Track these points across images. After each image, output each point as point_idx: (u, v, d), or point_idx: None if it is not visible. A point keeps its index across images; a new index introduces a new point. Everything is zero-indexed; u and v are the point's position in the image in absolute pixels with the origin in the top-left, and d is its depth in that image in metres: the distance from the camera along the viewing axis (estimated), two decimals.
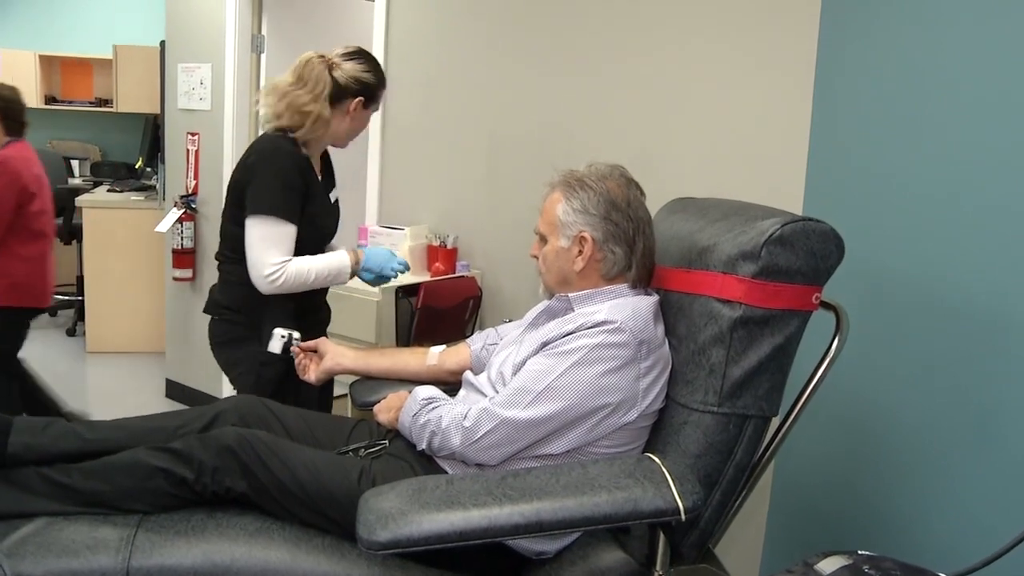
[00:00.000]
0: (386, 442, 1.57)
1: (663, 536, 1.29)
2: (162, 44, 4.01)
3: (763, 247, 1.29)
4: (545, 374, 1.37)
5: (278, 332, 1.88)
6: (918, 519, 1.52)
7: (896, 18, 1.71)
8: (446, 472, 1.45)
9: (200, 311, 2.16)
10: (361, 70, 2.01)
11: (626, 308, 1.41)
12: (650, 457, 1.31)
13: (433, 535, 1.14)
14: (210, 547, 1.34)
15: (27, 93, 5.31)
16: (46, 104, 5.61)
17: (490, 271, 2.86)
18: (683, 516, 1.19)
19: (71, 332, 4.88)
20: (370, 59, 2.05)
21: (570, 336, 1.39)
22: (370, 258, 2.06)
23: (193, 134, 3.72)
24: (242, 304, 2.00)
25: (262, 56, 3.58)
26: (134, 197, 4.73)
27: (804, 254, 1.29)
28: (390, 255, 2.10)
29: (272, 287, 1.91)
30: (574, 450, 1.39)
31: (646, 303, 1.44)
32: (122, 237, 4.50)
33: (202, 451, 1.40)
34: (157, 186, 4.68)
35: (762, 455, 1.41)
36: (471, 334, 2.11)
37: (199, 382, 3.85)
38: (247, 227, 1.92)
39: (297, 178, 1.95)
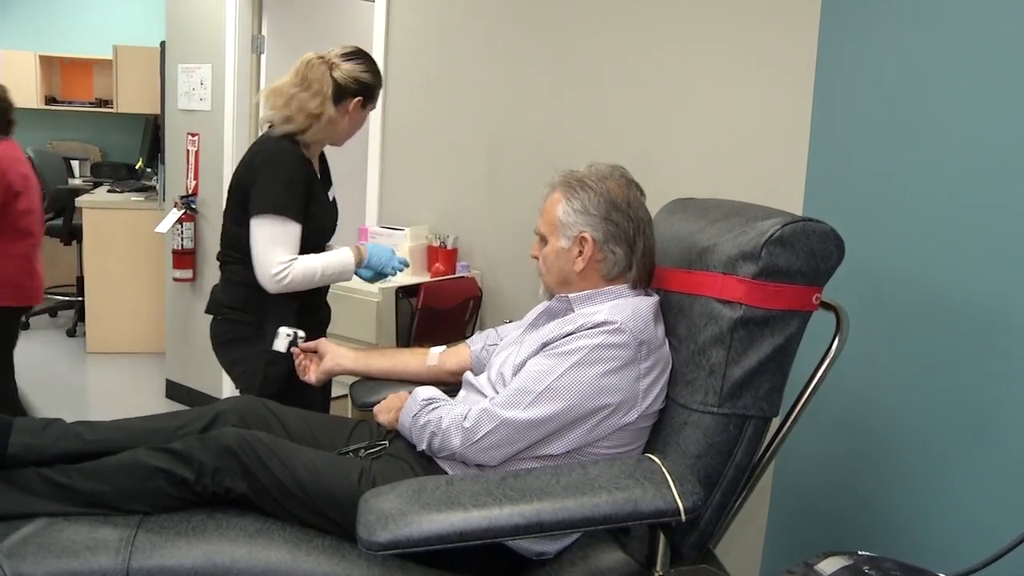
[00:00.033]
0: (386, 443, 1.57)
1: (663, 537, 1.29)
2: (162, 44, 4.01)
3: (763, 247, 1.29)
4: (545, 375, 1.37)
5: (283, 331, 1.89)
6: (918, 519, 1.52)
7: (896, 18, 1.71)
8: (446, 473, 1.45)
9: (200, 312, 2.16)
10: (360, 70, 2.03)
11: (626, 309, 1.40)
12: (650, 458, 1.31)
13: (433, 536, 1.14)
14: (210, 548, 1.34)
15: (27, 93, 5.44)
16: (46, 104, 5.61)
17: (490, 271, 2.86)
18: (683, 517, 1.19)
19: (71, 333, 4.88)
20: (368, 59, 2.07)
21: (570, 337, 1.39)
22: (373, 255, 2.08)
23: (193, 135, 3.72)
24: (246, 304, 2.01)
25: (262, 56, 3.58)
26: (134, 198, 4.73)
27: (804, 254, 1.29)
28: (392, 253, 2.12)
29: (279, 286, 1.92)
30: (574, 451, 1.39)
31: (646, 304, 1.44)
32: (122, 238, 4.50)
33: (202, 452, 1.40)
34: (157, 187, 4.68)
35: (762, 456, 1.41)
36: (471, 335, 2.11)
37: (199, 383, 3.85)
38: (253, 227, 1.93)
39: (300, 178, 1.97)
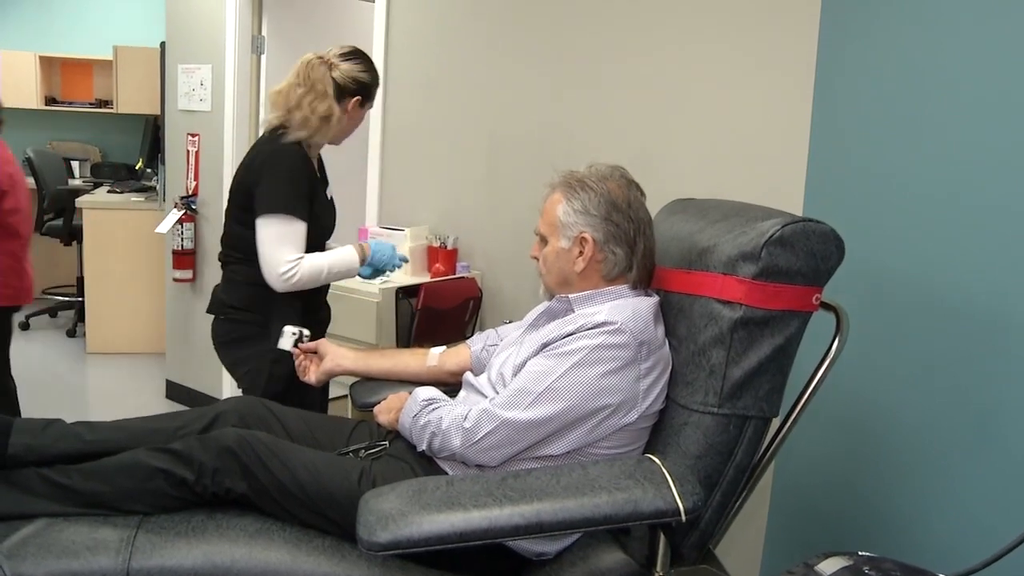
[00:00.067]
0: (386, 443, 1.57)
1: (663, 537, 1.30)
2: (162, 45, 4.01)
3: (763, 248, 1.29)
4: (545, 375, 1.37)
5: (289, 329, 1.89)
6: (918, 520, 1.52)
7: (896, 18, 1.71)
8: (446, 473, 1.45)
9: (200, 312, 2.16)
10: (358, 70, 2.05)
11: (626, 309, 1.40)
12: (650, 458, 1.31)
13: (433, 536, 1.14)
14: (210, 548, 1.34)
15: (27, 94, 5.44)
16: (46, 105, 5.61)
17: (490, 272, 2.86)
18: (683, 517, 1.19)
19: (71, 333, 4.88)
20: (365, 58, 2.09)
21: (570, 337, 1.39)
22: (376, 253, 2.10)
23: (193, 135, 3.72)
24: (250, 303, 2.02)
25: (262, 57, 3.58)
26: (134, 198, 4.73)
27: (804, 255, 1.29)
28: (394, 250, 2.14)
29: (287, 285, 1.93)
30: (574, 451, 1.39)
31: (646, 304, 1.44)
32: (122, 238, 4.51)
33: (202, 452, 1.40)
34: (157, 187, 4.69)
35: (762, 456, 1.41)
36: (471, 335, 2.12)
37: (199, 383, 3.85)
38: (259, 227, 1.94)
39: (304, 177, 1.99)
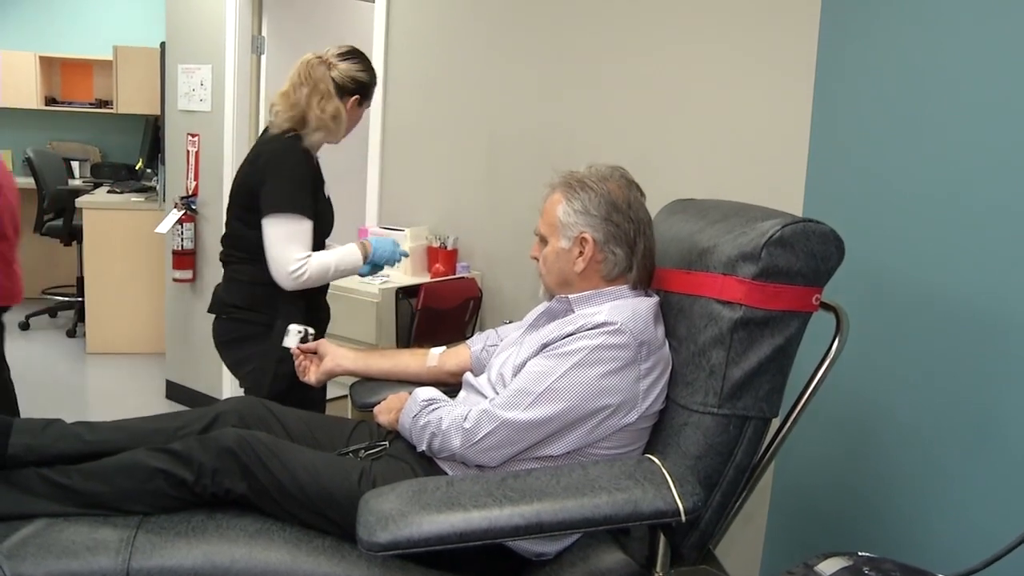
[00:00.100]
0: (386, 443, 1.57)
1: (663, 537, 1.30)
2: (162, 45, 4.01)
3: (763, 248, 1.28)
4: (545, 375, 1.37)
5: (294, 328, 1.90)
6: (918, 520, 1.52)
7: (896, 18, 1.70)
8: (446, 473, 1.45)
9: (200, 312, 2.16)
10: (356, 69, 2.07)
11: (626, 309, 1.40)
12: (650, 458, 1.31)
13: (433, 536, 1.14)
14: (210, 548, 1.34)
15: (27, 94, 5.44)
16: (46, 105, 5.61)
17: (490, 272, 2.86)
18: (683, 517, 1.19)
19: (71, 333, 4.88)
20: (363, 58, 2.11)
21: (570, 337, 1.39)
22: (377, 249, 2.12)
23: (193, 135, 3.72)
24: (252, 302, 2.02)
25: (262, 57, 3.58)
26: (134, 198, 4.73)
27: (804, 255, 1.29)
28: (394, 245, 2.17)
29: (297, 283, 1.95)
30: (574, 451, 1.39)
31: (646, 304, 1.44)
32: (122, 238, 4.51)
33: (202, 452, 1.40)
34: (157, 187, 4.69)
35: (762, 456, 1.41)
36: (471, 335, 2.11)
37: (199, 383, 3.85)
38: (266, 226, 1.94)
39: (309, 175, 2.00)
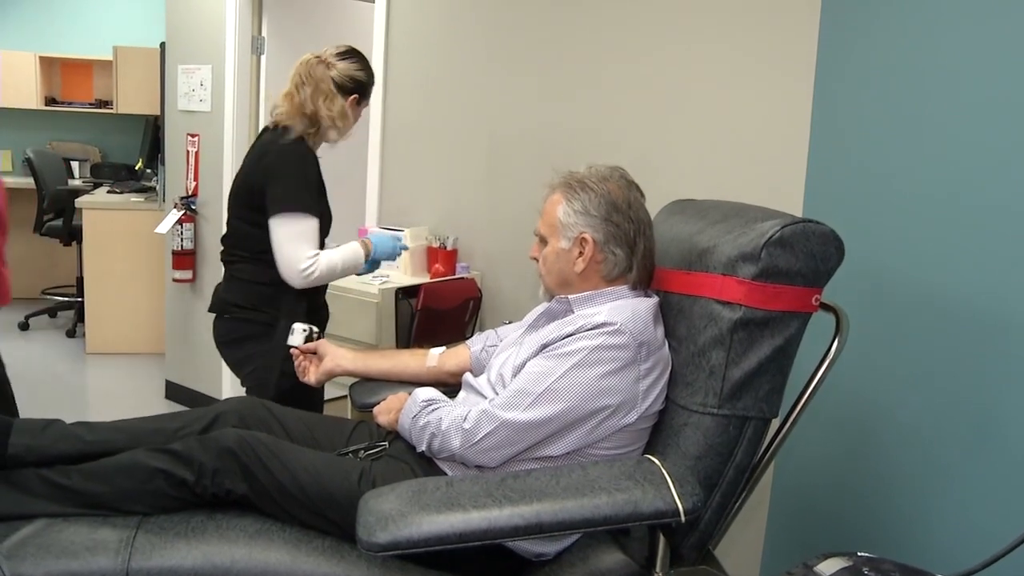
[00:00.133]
0: (386, 444, 1.57)
1: (663, 538, 1.30)
2: (162, 45, 4.01)
3: (763, 249, 1.29)
4: (545, 376, 1.37)
5: (299, 326, 1.90)
6: (918, 521, 1.52)
7: (896, 18, 1.70)
8: (446, 474, 1.45)
9: (200, 312, 2.17)
10: (355, 69, 2.08)
11: (626, 310, 1.40)
12: (650, 459, 1.31)
13: (433, 537, 1.14)
14: (210, 549, 1.34)
15: (27, 94, 5.44)
16: (46, 105, 5.61)
17: (490, 272, 2.86)
18: (683, 518, 1.19)
19: (71, 333, 4.88)
20: (361, 57, 2.12)
21: (570, 338, 1.39)
22: (378, 247, 2.14)
23: (193, 135, 3.72)
24: (255, 301, 2.02)
25: (262, 58, 3.58)
26: (134, 198, 4.73)
27: (804, 256, 1.29)
28: (394, 240, 2.18)
29: (307, 281, 1.96)
30: (574, 452, 1.39)
31: (646, 305, 1.44)
32: (122, 238, 4.50)
33: (202, 453, 1.40)
34: (157, 187, 4.69)
35: (762, 456, 1.41)
36: (471, 335, 2.11)
37: (199, 383, 3.84)
38: (275, 225, 1.95)
39: (315, 174, 2.01)
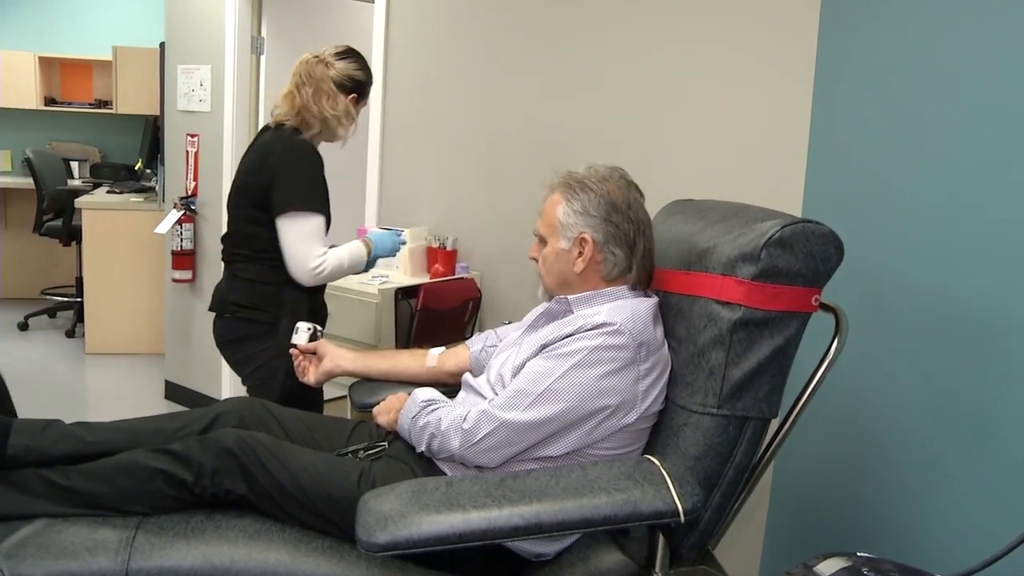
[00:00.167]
0: (385, 444, 1.57)
1: (662, 538, 1.29)
2: (162, 46, 4.01)
3: (762, 249, 1.29)
4: (544, 376, 1.37)
5: (303, 325, 1.90)
6: (917, 521, 1.52)
7: (896, 18, 1.71)
8: (446, 474, 1.45)
9: (200, 312, 2.17)
10: (353, 68, 2.09)
11: (625, 310, 1.40)
12: (649, 459, 1.30)
13: (432, 537, 1.14)
14: (209, 549, 1.34)
15: (27, 94, 5.44)
16: (45, 105, 5.60)
17: (489, 273, 2.86)
18: (682, 518, 1.19)
19: (70, 333, 4.88)
20: (359, 57, 2.13)
21: (569, 338, 1.39)
22: (379, 245, 2.15)
23: (193, 136, 3.71)
24: (258, 301, 2.03)
25: (262, 58, 3.57)
26: (134, 199, 4.73)
27: (803, 256, 1.29)
28: (393, 237, 2.21)
29: (318, 279, 1.99)
30: (574, 452, 1.39)
31: (645, 305, 1.44)
32: (121, 239, 4.50)
33: (202, 453, 1.40)
34: (157, 188, 4.68)
35: (761, 457, 1.41)
36: (470, 336, 2.11)
37: (198, 383, 3.84)
38: (284, 225, 1.96)
39: (321, 173, 2.03)
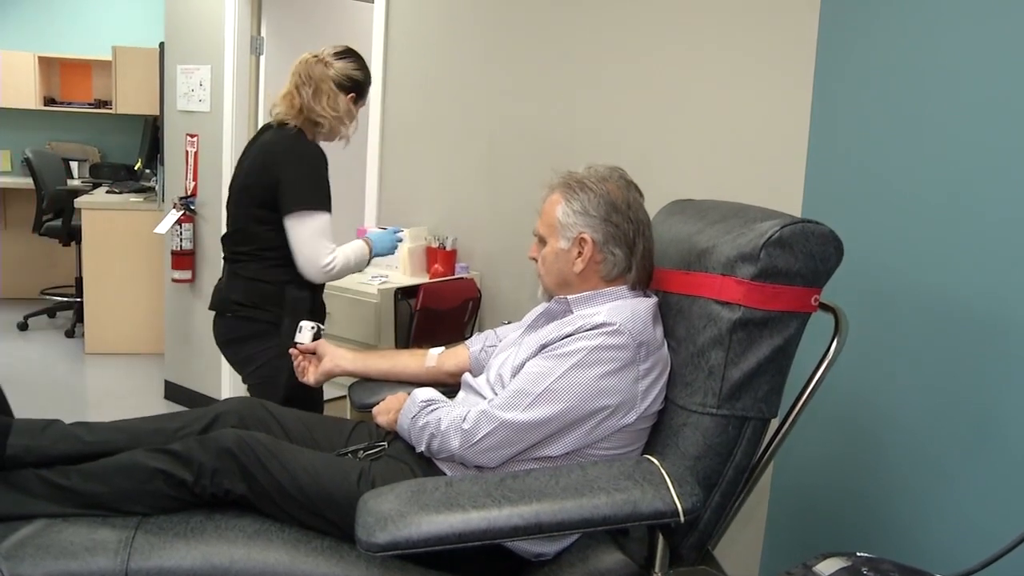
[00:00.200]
0: (385, 444, 1.57)
1: (662, 538, 1.29)
2: (161, 46, 4.01)
3: (762, 249, 1.29)
4: (544, 376, 1.37)
5: (306, 324, 1.91)
6: (917, 521, 1.52)
7: (896, 18, 1.71)
8: (445, 474, 1.45)
9: (200, 312, 2.17)
10: (352, 68, 2.10)
11: (625, 310, 1.40)
12: (649, 459, 1.30)
13: (432, 537, 1.14)
14: (209, 549, 1.34)
15: (26, 94, 5.44)
16: (45, 105, 5.60)
17: (489, 273, 2.86)
18: (682, 518, 1.19)
19: (70, 333, 4.87)
20: (358, 57, 2.14)
21: (569, 338, 1.39)
22: (378, 244, 2.18)
23: (192, 136, 3.71)
24: (260, 300, 2.03)
25: (261, 58, 3.57)
26: (133, 199, 4.73)
27: (803, 256, 1.29)
28: (392, 235, 2.23)
29: (328, 276, 2.02)
30: (573, 452, 1.39)
31: (645, 305, 1.44)
32: (121, 239, 4.50)
33: (201, 453, 1.40)
34: (156, 188, 4.68)
35: (761, 456, 1.41)
36: (470, 336, 2.11)
37: (198, 383, 3.84)
38: (292, 224, 1.97)
39: (326, 171, 2.04)
